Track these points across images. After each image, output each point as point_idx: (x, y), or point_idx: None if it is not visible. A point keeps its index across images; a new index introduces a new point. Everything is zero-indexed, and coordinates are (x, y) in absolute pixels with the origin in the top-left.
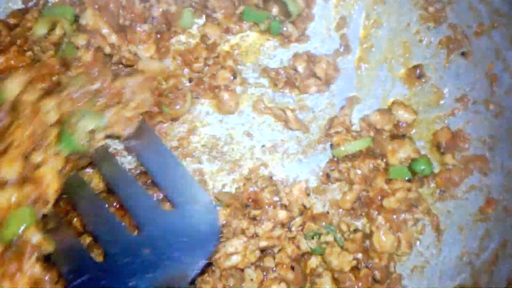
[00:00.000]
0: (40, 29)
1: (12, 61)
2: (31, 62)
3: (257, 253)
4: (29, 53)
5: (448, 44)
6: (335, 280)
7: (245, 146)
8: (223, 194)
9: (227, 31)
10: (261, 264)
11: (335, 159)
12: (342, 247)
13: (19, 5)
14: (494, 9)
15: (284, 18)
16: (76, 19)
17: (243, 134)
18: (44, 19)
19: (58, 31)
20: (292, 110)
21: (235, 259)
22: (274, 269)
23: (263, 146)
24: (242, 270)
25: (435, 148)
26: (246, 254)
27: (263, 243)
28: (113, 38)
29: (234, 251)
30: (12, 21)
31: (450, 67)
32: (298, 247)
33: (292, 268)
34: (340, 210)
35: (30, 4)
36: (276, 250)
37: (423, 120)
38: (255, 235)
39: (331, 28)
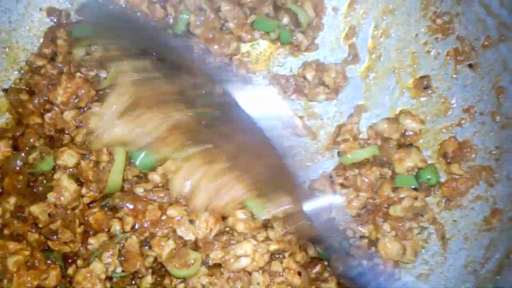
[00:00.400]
0: (79, 52)
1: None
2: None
3: (266, 257)
4: (78, 74)
5: (455, 56)
6: (340, 286)
7: None
8: None
9: (239, 39)
10: (269, 268)
11: (343, 166)
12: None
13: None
14: (501, 22)
15: (294, 28)
16: None
17: None
18: (78, 41)
19: (97, 52)
20: (301, 117)
21: (244, 262)
22: (281, 273)
23: None
24: (250, 273)
25: (442, 157)
26: (255, 258)
27: (274, 247)
28: None
29: (244, 253)
30: (46, 51)
31: (457, 78)
32: (306, 252)
33: (299, 273)
34: (346, 216)
35: (53, 18)
36: (287, 254)
37: (430, 130)
38: (267, 239)
39: (340, 38)
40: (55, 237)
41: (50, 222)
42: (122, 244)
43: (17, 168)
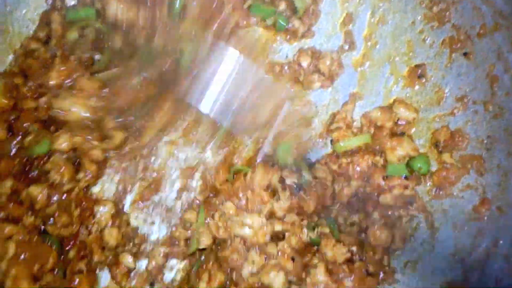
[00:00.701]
0: (73, 35)
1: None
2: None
3: (268, 237)
4: (72, 57)
5: (451, 44)
6: (329, 271)
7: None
8: None
9: (236, 25)
10: (265, 249)
11: (335, 154)
12: (337, 240)
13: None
14: (497, 11)
15: (291, 14)
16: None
17: None
18: (72, 25)
19: (90, 34)
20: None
21: (247, 231)
22: (275, 256)
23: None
24: (248, 249)
25: (434, 147)
26: (258, 233)
27: (278, 227)
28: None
29: (250, 224)
30: (41, 35)
31: (452, 67)
32: (301, 237)
33: (293, 259)
34: (338, 204)
35: (48, 1)
36: (287, 234)
37: (424, 119)
38: (272, 214)
39: (337, 25)
40: (52, 220)
41: (46, 204)
42: None
43: (13, 152)
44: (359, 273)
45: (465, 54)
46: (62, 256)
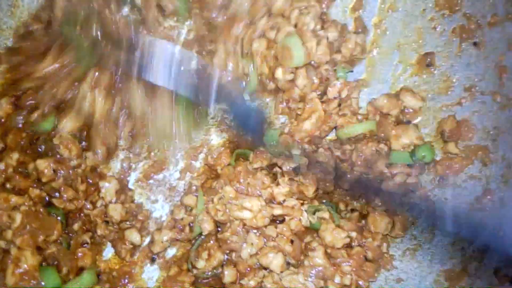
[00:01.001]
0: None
1: None
2: None
3: (267, 220)
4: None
5: (461, 33)
6: (327, 255)
7: None
8: None
9: None
10: (264, 231)
11: (340, 140)
12: (337, 225)
13: None
14: (509, 0)
15: None
16: None
17: None
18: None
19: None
20: None
21: (246, 214)
22: (274, 238)
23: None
24: (247, 232)
25: (440, 136)
26: (257, 216)
27: (277, 211)
28: None
29: (250, 208)
30: (43, 15)
31: (461, 57)
32: (300, 221)
33: (292, 242)
34: (340, 189)
35: None
36: (287, 218)
37: (430, 108)
38: (272, 199)
39: (347, 10)
40: (58, 194)
41: (53, 178)
42: None
43: (20, 125)
44: (357, 259)
45: (475, 43)
46: (67, 228)
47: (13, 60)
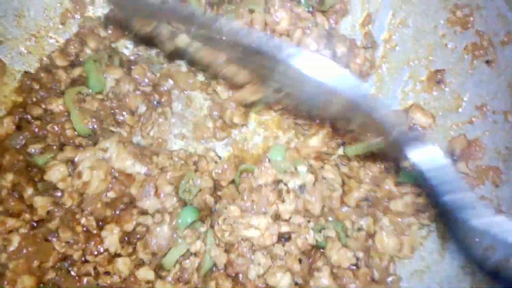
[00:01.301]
0: None
1: None
2: None
3: (275, 238)
4: None
5: (473, 51)
6: (333, 275)
7: None
8: None
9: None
10: (271, 251)
11: (347, 156)
12: (343, 244)
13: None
14: None
15: (317, 5)
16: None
17: None
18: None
19: None
20: None
21: (253, 233)
22: (282, 257)
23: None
24: (254, 252)
25: (449, 155)
26: (264, 234)
27: (284, 229)
28: None
29: (257, 225)
30: (72, 49)
31: (473, 74)
32: (307, 239)
33: (300, 260)
34: (346, 207)
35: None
36: (293, 236)
37: (440, 126)
38: (278, 216)
39: (357, 25)
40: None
41: (49, 218)
42: None
43: (18, 147)
44: (363, 279)
45: (487, 61)
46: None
47: (30, 84)
